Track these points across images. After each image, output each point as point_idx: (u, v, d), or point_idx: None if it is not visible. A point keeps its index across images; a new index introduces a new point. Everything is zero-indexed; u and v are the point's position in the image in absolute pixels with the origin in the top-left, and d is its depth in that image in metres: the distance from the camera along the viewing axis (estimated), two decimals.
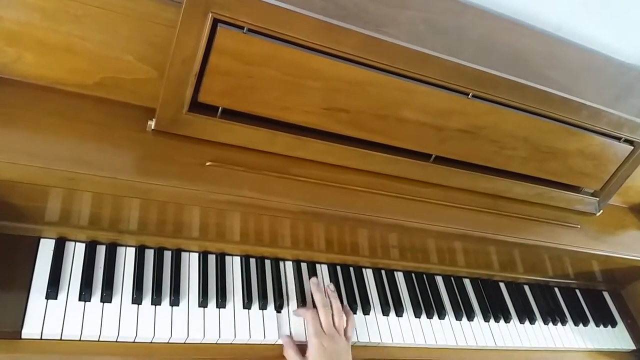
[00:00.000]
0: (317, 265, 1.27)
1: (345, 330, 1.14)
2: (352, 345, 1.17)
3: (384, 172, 1.15)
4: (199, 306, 1.07)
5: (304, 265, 1.25)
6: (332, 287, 1.23)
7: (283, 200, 1.01)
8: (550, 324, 1.50)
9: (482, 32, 1.23)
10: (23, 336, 0.92)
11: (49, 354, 0.94)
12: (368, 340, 1.20)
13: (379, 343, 1.21)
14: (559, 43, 1.39)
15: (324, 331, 1.10)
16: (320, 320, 1.12)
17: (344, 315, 1.15)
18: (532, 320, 1.47)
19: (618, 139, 1.25)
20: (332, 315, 1.14)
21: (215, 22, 0.86)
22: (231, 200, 0.98)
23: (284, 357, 1.11)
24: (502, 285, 1.51)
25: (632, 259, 1.43)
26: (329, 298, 1.18)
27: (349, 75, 0.98)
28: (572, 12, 1.36)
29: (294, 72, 0.95)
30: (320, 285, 1.22)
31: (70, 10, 0.87)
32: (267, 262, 1.21)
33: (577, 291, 1.64)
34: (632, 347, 1.60)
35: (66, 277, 1.00)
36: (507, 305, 1.46)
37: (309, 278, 1.23)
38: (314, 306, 1.17)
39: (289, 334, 1.12)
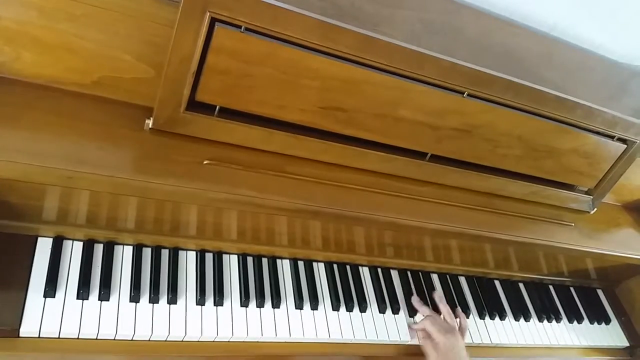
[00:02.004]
0: (314, 264, 1.27)
1: (460, 330, 1.28)
2: (348, 343, 1.20)
3: (380, 170, 1.16)
4: (197, 304, 1.08)
5: (300, 264, 1.25)
6: (438, 292, 1.36)
7: (280, 199, 1.01)
8: (545, 321, 1.51)
9: (477, 32, 1.24)
10: (21, 334, 0.92)
11: (47, 352, 0.94)
12: (365, 338, 1.21)
13: (375, 340, 1.22)
14: (554, 43, 1.40)
15: (444, 330, 1.22)
16: (437, 322, 1.24)
17: (454, 316, 1.29)
18: (527, 318, 1.48)
19: (611, 137, 1.26)
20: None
21: (213, 21, 0.86)
22: (228, 198, 0.98)
23: (283, 355, 1.13)
24: (497, 283, 1.52)
25: (625, 257, 1.44)
26: (438, 303, 1.32)
27: (345, 74, 0.98)
28: (566, 12, 1.37)
29: (291, 71, 0.95)
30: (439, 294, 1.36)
31: (68, 9, 0.88)
32: (265, 261, 1.21)
33: (572, 289, 1.66)
34: (626, 343, 1.62)
35: (64, 275, 1.00)
36: (502, 303, 1.47)
37: (306, 276, 1.23)
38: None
39: (424, 328, 1.24)
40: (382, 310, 1.27)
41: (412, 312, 1.31)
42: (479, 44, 1.20)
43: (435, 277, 1.43)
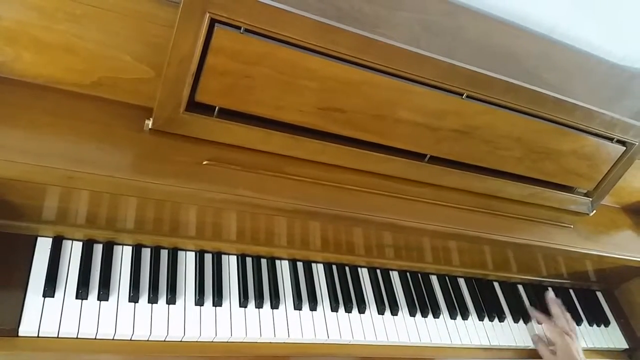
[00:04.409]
0: (313, 265, 1.27)
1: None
2: (346, 344, 1.20)
3: (378, 171, 1.16)
4: (196, 305, 1.08)
5: (299, 265, 1.26)
6: (559, 300, 1.50)
7: (278, 199, 1.01)
8: None
9: (477, 34, 1.24)
10: (20, 334, 0.92)
11: (46, 351, 0.94)
12: (363, 339, 1.21)
13: (374, 341, 1.22)
14: (553, 45, 1.40)
15: (559, 333, 1.38)
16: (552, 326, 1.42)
17: (565, 320, 1.44)
18: (526, 320, 1.48)
19: (610, 139, 1.27)
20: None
21: (213, 22, 0.87)
22: (227, 199, 0.98)
23: (281, 356, 1.13)
24: (496, 284, 1.52)
25: (625, 259, 1.44)
26: (558, 308, 1.47)
27: (344, 76, 0.99)
28: (565, 14, 1.38)
29: (290, 72, 0.96)
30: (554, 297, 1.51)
31: (68, 9, 0.88)
32: (263, 261, 1.21)
33: (571, 291, 1.65)
34: (625, 346, 1.62)
35: (63, 275, 1.00)
36: (501, 305, 1.47)
37: (305, 277, 1.24)
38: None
39: (537, 334, 1.43)
40: (381, 311, 1.27)
41: (413, 312, 1.31)
42: (478, 45, 1.20)
43: (434, 279, 1.43)
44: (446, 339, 1.31)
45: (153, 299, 1.04)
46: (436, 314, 1.34)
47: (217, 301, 1.10)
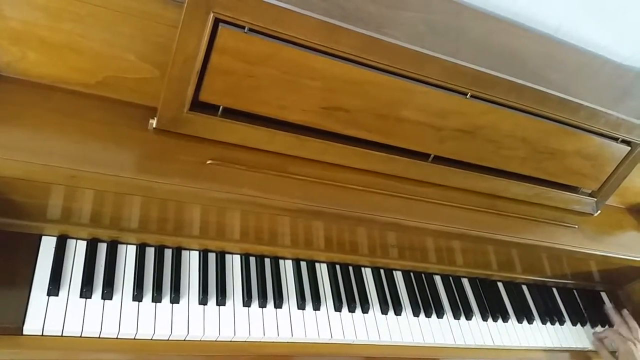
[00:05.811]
0: (317, 264, 1.27)
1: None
2: (350, 344, 1.20)
3: (382, 171, 1.16)
4: (199, 304, 1.08)
5: (303, 264, 1.26)
6: (625, 311, 1.58)
7: (282, 199, 1.01)
8: (548, 323, 1.50)
9: (481, 33, 1.24)
10: (25, 332, 0.93)
11: (50, 350, 0.95)
12: (367, 339, 1.21)
13: (377, 341, 1.22)
14: (557, 44, 1.40)
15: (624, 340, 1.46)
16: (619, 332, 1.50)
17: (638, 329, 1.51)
18: (530, 320, 1.47)
19: (615, 139, 1.26)
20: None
21: (217, 21, 0.87)
22: (231, 198, 0.98)
23: (285, 355, 1.14)
24: (500, 285, 1.52)
25: (629, 259, 1.43)
26: (624, 318, 1.55)
27: (348, 75, 0.99)
28: (570, 13, 1.37)
29: (294, 71, 0.96)
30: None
31: (73, 9, 0.88)
32: (267, 261, 1.21)
33: (575, 291, 1.65)
34: None
35: (67, 274, 1.01)
36: (505, 305, 1.47)
37: (309, 277, 1.24)
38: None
39: (600, 338, 1.51)
40: (384, 311, 1.27)
41: (416, 312, 1.31)
42: (482, 45, 1.20)
43: (438, 279, 1.43)
44: (449, 339, 1.31)
45: (157, 298, 1.05)
46: (440, 314, 1.34)
47: (221, 300, 1.10)
